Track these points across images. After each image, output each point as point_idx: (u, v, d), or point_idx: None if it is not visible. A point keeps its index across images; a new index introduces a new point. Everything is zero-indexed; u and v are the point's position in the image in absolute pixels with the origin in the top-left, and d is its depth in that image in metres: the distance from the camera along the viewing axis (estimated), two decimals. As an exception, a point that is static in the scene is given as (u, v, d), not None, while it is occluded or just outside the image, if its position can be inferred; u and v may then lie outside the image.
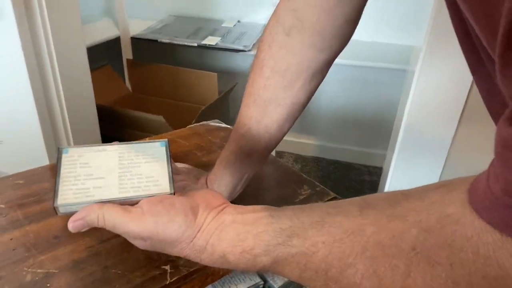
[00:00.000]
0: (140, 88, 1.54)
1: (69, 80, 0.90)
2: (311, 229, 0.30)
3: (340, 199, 0.61)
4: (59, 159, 0.37)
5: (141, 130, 1.24)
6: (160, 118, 1.15)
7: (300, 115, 0.50)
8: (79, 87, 0.95)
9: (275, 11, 0.46)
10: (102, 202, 0.36)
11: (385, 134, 1.70)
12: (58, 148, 0.36)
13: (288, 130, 0.51)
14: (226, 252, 0.32)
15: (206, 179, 0.56)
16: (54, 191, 0.37)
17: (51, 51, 0.85)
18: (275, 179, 0.66)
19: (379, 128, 1.71)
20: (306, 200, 0.62)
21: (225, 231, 0.33)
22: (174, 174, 0.60)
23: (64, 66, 0.88)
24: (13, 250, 0.49)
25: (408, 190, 0.29)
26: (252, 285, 0.53)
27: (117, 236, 0.51)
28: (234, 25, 1.57)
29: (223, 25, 1.56)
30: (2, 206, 0.57)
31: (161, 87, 1.50)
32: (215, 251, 0.33)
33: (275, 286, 0.54)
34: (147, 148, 0.39)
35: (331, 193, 0.64)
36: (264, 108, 0.48)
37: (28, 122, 0.88)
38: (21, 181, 0.62)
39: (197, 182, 0.56)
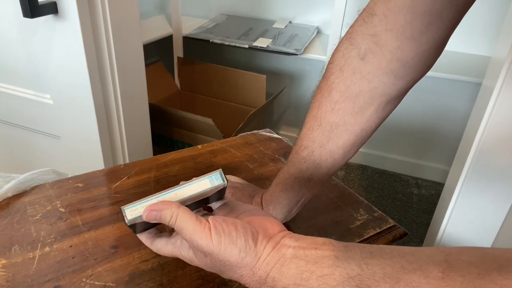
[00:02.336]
0: (189, 86, 1.55)
1: (125, 78, 0.92)
2: (384, 284, 0.27)
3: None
4: (124, 216, 0.36)
5: (189, 130, 1.25)
6: (209, 121, 1.15)
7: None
8: (134, 84, 0.97)
9: (348, 33, 0.43)
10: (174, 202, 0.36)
11: (440, 147, 1.62)
12: (121, 208, 0.36)
13: (353, 156, 0.49)
14: None
15: (261, 198, 0.54)
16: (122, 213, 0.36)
17: (110, 49, 0.86)
18: (331, 200, 0.63)
19: (432, 139, 1.63)
20: (362, 226, 0.59)
21: (286, 265, 0.31)
22: (229, 188, 0.59)
23: (121, 64, 0.89)
24: (73, 258, 0.50)
25: (500, 255, 0.25)
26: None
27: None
28: (286, 26, 1.54)
29: (274, 26, 1.54)
30: (62, 210, 0.58)
31: (210, 86, 1.51)
32: (276, 285, 0.31)
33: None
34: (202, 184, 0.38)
35: (390, 220, 0.60)
36: (329, 133, 0.46)
37: (85, 118, 0.90)
38: (80, 184, 0.64)
39: (252, 201, 0.55)
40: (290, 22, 1.58)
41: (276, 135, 0.83)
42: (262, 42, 1.36)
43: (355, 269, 0.29)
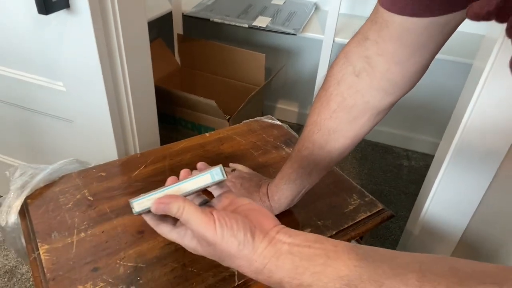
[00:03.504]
0: (189, 63, 1.58)
1: (133, 64, 0.95)
2: (369, 285, 0.31)
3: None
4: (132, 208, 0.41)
5: (192, 110, 1.30)
6: (212, 102, 1.21)
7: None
8: (141, 69, 1.01)
9: (345, 51, 0.49)
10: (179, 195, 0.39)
11: (430, 121, 1.69)
12: (129, 201, 0.40)
13: (348, 154, 0.56)
14: (284, 281, 0.34)
15: (267, 188, 0.62)
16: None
17: (119, 38, 0.90)
18: (328, 186, 0.71)
19: (424, 114, 1.70)
20: (355, 210, 0.67)
21: (282, 260, 0.35)
22: (237, 177, 0.66)
23: (129, 50, 0.93)
24: (106, 242, 0.58)
25: (463, 267, 0.30)
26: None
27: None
28: (284, 2, 1.55)
29: (273, 2, 1.55)
30: (91, 198, 0.65)
31: (210, 64, 1.54)
32: (272, 276, 0.35)
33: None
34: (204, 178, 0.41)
35: (379, 204, 0.69)
36: (328, 137, 0.52)
37: (97, 102, 0.95)
38: (103, 174, 0.71)
39: (259, 190, 0.63)
40: (288, -2, 1.59)
41: (277, 122, 0.90)
42: (261, 22, 1.38)
43: (343, 270, 0.32)
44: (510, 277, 0.27)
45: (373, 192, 1.70)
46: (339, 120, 0.51)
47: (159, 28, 1.59)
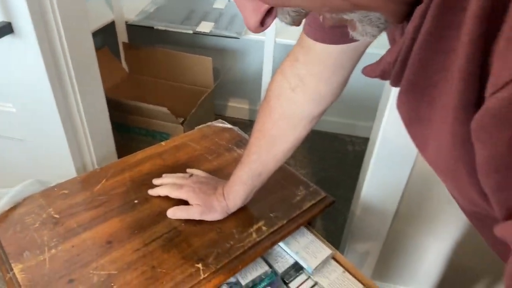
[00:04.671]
0: (137, 70, 1.60)
1: (82, 78, 0.97)
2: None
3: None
4: None
5: (145, 117, 1.34)
6: (164, 110, 1.25)
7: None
8: (90, 83, 1.03)
9: (281, 69, 0.57)
10: None
11: (369, 107, 1.84)
12: None
13: (291, 154, 0.64)
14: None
15: (223, 189, 0.69)
16: None
17: (66, 55, 0.92)
18: (277, 181, 0.79)
19: (362, 100, 1.84)
20: (302, 200, 0.76)
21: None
22: (195, 182, 0.72)
23: (77, 65, 0.95)
24: (78, 255, 0.63)
25: None
26: (262, 273, 0.69)
27: (157, 238, 0.65)
28: (225, 5, 1.61)
29: (214, 6, 1.61)
30: (57, 216, 0.69)
31: (158, 70, 1.57)
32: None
33: (278, 271, 0.70)
34: None
35: (322, 192, 0.78)
36: (272, 143, 0.61)
37: (49, 120, 0.97)
38: (66, 191, 0.74)
39: (215, 192, 0.70)
40: (229, 1, 1.65)
41: (228, 125, 0.97)
42: (205, 27, 1.44)
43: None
44: None
45: (323, 178, 1.82)
46: (281, 128, 0.59)
47: (104, 37, 1.59)
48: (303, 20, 0.31)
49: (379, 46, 0.51)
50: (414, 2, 0.26)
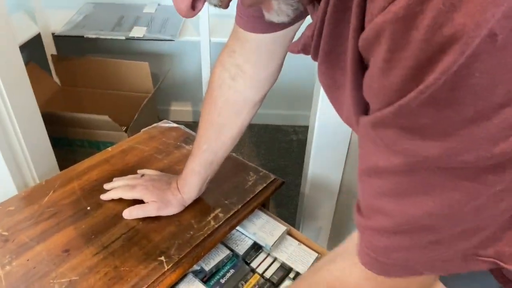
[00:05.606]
0: (70, 82, 1.54)
1: (14, 98, 0.94)
2: None
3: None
4: None
5: (86, 128, 1.30)
6: (105, 118, 1.23)
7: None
8: (23, 101, 1.00)
9: (219, 61, 0.61)
10: None
11: (307, 97, 1.93)
12: None
13: (239, 140, 0.68)
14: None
15: (177, 183, 0.71)
16: None
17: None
18: (229, 170, 0.82)
19: (299, 91, 1.93)
20: (253, 185, 0.80)
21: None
22: (147, 181, 0.73)
23: (8, 86, 0.92)
24: (34, 268, 0.61)
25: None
26: (224, 257, 0.71)
27: (116, 240, 0.66)
28: (156, 10, 1.61)
29: (144, 11, 1.60)
30: (6, 233, 0.67)
31: (92, 80, 1.53)
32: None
33: (239, 253, 0.73)
34: None
35: (271, 175, 0.83)
36: (219, 131, 0.64)
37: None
38: (12, 208, 0.72)
39: (170, 187, 0.71)
40: (159, 5, 1.65)
41: (174, 125, 0.98)
42: (137, 32, 1.43)
43: None
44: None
45: (272, 169, 1.87)
46: (226, 116, 0.63)
47: (30, 51, 1.52)
48: (230, 3, 0.34)
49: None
50: None
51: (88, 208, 0.72)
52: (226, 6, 0.34)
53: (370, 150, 0.29)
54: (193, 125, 1.97)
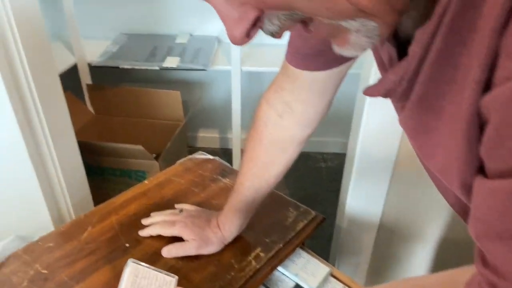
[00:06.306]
0: (104, 111, 1.57)
1: (55, 130, 0.96)
2: None
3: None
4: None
5: (119, 157, 1.31)
6: (139, 148, 1.23)
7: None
8: (60, 126, 1.01)
9: (266, 98, 0.59)
10: None
11: (336, 124, 1.90)
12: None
13: (281, 178, 0.66)
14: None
15: (217, 220, 0.69)
16: None
17: (36, 103, 0.90)
18: (267, 206, 0.80)
19: (329, 118, 1.90)
20: (294, 222, 0.77)
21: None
22: (186, 217, 0.71)
23: (47, 110, 0.93)
24: (74, 310, 0.59)
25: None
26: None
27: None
28: (188, 40, 1.64)
29: (176, 41, 1.63)
30: (45, 271, 0.66)
31: (125, 108, 1.55)
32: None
33: (282, 295, 0.69)
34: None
35: (312, 212, 0.80)
36: (264, 169, 0.62)
37: (22, 171, 0.93)
38: (51, 244, 0.71)
39: (209, 224, 0.69)
40: (191, 35, 1.68)
41: (209, 156, 0.97)
42: (171, 62, 1.45)
43: None
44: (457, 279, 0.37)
45: (303, 197, 1.84)
46: (272, 154, 0.61)
47: (66, 81, 1.56)
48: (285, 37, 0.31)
49: (355, 67, 0.55)
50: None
51: (127, 245, 0.71)
52: (280, 36, 0.31)
53: None
54: (220, 152, 1.98)
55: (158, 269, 0.54)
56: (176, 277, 0.54)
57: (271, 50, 1.55)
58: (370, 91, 0.35)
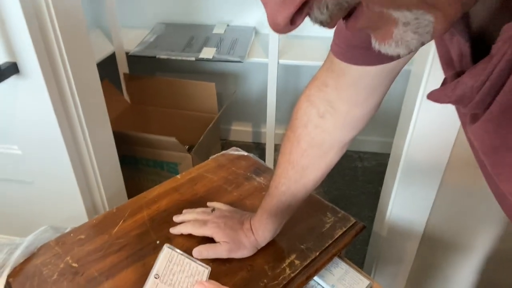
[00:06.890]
0: (139, 100, 1.58)
1: (90, 116, 0.95)
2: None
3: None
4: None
5: (152, 148, 1.31)
6: (172, 139, 1.22)
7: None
8: (97, 119, 1.01)
9: (306, 95, 0.54)
10: None
11: (375, 122, 1.82)
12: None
13: (320, 183, 0.61)
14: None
15: (250, 223, 0.65)
16: None
17: (73, 93, 0.89)
18: (303, 210, 0.76)
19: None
20: (331, 228, 0.72)
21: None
22: (219, 217, 0.69)
23: (84, 103, 0.92)
24: (102, 308, 0.58)
25: None
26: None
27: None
28: (225, 30, 1.61)
29: (214, 31, 1.60)
30: (75, 265, 0.65)
31: (161, 99, 1.55)
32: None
33: None
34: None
35: (351, 218, 0.75)
36: (302, 172, 0.57)
37: (58, 160, 0.93)
38: (82, 236, 0.70)
39: (242, 227, 0.66)
40: (228, 26, 1.65)
41: (243, 153, 0.93)
42: (207, 53, 1.42)
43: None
44: None
45: (336, 197, 1.78)
46: (311, 157, 0.56)
47: (104, 69, 1.57)
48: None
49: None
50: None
51: (158, 242, 0.69)
52: (333, 25, 0.27)
53: None
54: (253, 146, 1.94)
55: (193, 258, 0.53)
56: (209, 268, 0.52)
57: (310, 42, 1.49)
58: (437, 96, 0.29)
